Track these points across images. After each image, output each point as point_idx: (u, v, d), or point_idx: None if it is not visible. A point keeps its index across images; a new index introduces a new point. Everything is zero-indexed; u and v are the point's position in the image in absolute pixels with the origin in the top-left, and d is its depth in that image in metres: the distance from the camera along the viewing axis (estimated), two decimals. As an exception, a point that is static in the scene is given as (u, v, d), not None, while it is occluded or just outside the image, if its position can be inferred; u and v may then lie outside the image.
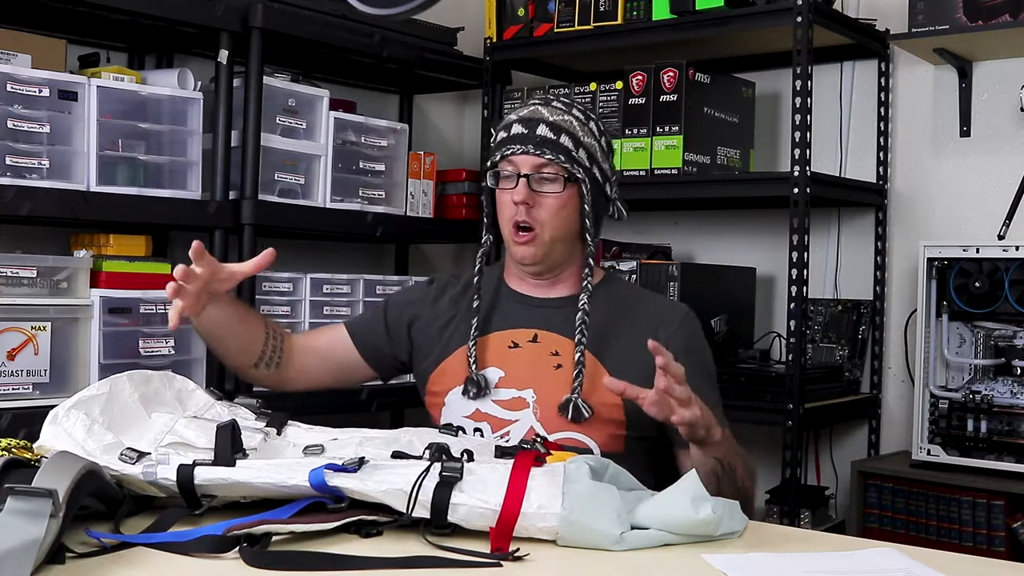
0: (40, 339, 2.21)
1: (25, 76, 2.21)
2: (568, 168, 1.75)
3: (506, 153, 1.77)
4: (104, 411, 1.43)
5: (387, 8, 1.62)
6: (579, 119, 1.79)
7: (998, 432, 2.54)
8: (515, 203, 1.75)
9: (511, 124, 1.79)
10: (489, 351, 1.82)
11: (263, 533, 1.22)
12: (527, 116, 1.78)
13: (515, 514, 1.25)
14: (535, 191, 1.76)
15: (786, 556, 1.27)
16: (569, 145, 1.76)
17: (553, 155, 1.74)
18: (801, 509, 2.72)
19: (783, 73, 2.97)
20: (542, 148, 1.74)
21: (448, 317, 1.89)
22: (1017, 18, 2.54)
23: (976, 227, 2.82)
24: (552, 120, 1.77)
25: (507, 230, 1.79)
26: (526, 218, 1.76)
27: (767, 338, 3.11)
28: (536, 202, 1.76)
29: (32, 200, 2.19)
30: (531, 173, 1.75)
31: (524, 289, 1.88)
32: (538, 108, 1.79)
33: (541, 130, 1.76)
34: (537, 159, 1.75)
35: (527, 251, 1.78)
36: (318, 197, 2.76)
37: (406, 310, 1.94)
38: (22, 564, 1.04)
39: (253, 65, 2.55)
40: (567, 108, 1.80)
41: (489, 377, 1.80)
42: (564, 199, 1.76)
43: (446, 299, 1.92)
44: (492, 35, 3.17)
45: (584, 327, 1.75)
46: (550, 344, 1.80)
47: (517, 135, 1.77)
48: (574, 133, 1.77)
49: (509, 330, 1.84)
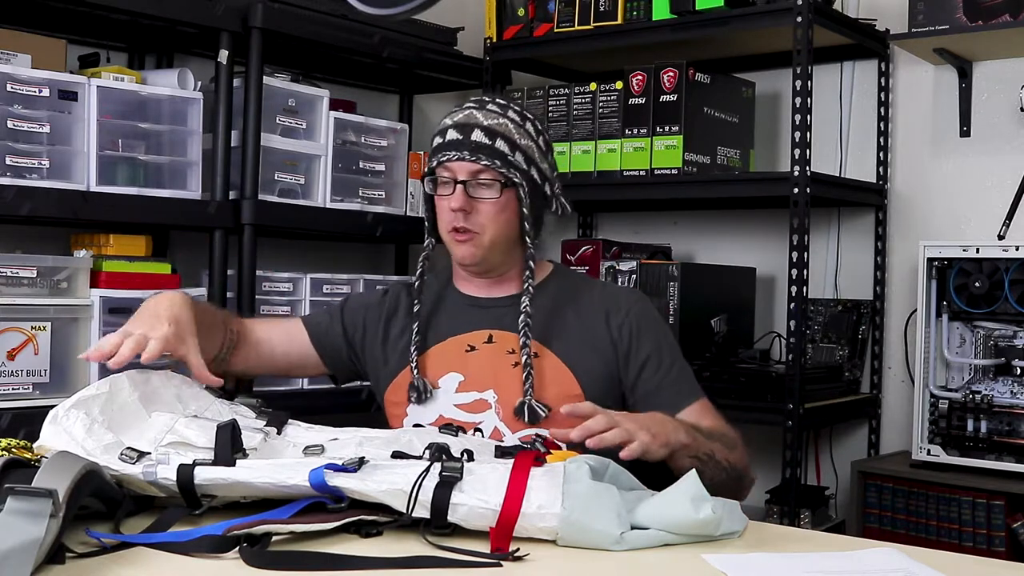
0: (40, 339, 2.21)
1: (25, 76, 2.21)
2: (504, 173, 1.74)
3: (442, 159, 1.76)
4: (104, 410, 1.43)
5: (387, 8, 1.62)
6: (515, 121, 1.78)
7: (998, 432, 2.55)
8: (452, 210, 1.75)
9: (446, 129, 1.78)
10: (447, 356, 1.83)
11: (263, 533, 1.22)
12: (462, 121, 1.77)
13: (515, 514, 1.25)
14: (472, 197, 1.75)
15: (786, 556, 1.27)
16: (505, 149, 1.75)
17: (489, 161, 1.74)
18: (801, 509, 2.72)
19: (783, 73, 2.97)
20: (477, 154, 1.74)
21: (402, 328, 1.89)
22: (1017, 18, 2.54)
23: (976, 227, 2.82)
24: (487, 124, 1.76)
25: (446, 234, 1.80)
26: (464, 224, 1.76)
27: (767, 338, 3.11)
28: (474, 208, 1.76)
29: (32, 200, 2.19)
30: (467, 179, 1.75)
31: (472, 291, 1.88)
32: (473, 112, 1.78)
33: (476, 135, 1.75)
34: (473, 165, 1.75)
35: (466, 251, 1.79)
36: (318, 197, 2.76)
37: (361, 313, 1.95)
38: (22, 564, 1.04)
39: (253, 65, 2.55)
40: (502, 111, 1.79)
41: (448, 383, 1.81)
42: (502, 203, 1.76)
43: (401, 311, 1.92)
44: (492, 35, 3.17)
45: (527, 328, 1.75)
46: (505, 343, 1.81)
47: (452, 141, 1.76)
48: (510, 136, 1.76)
49: (464, 334, 1.84)
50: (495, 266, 1.84)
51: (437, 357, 1.84)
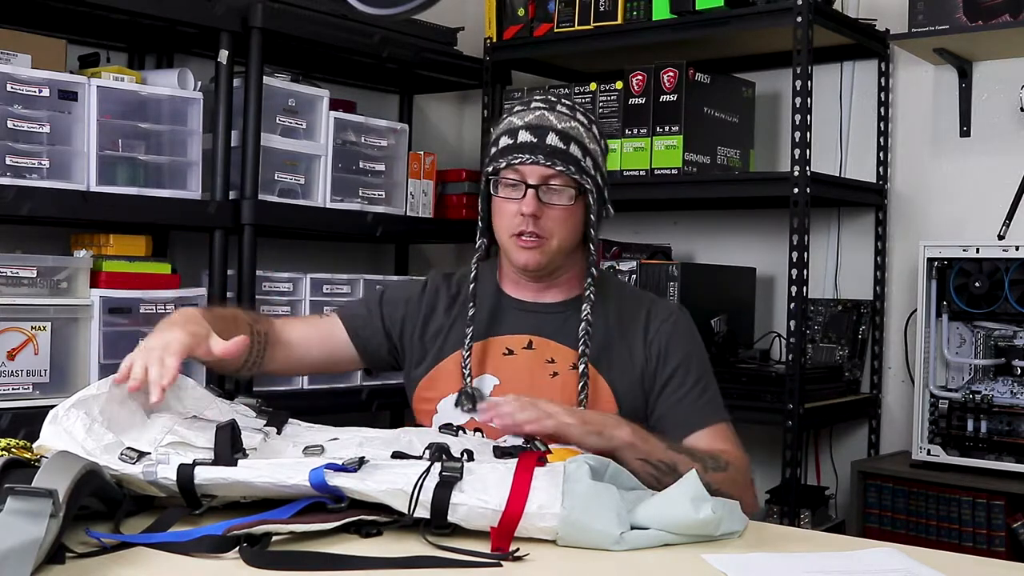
0: (40, 339, 2.21)
1: (25, 76, 2.21)
2: (578, 180, 1.70)
3: (512, 162, 1.69)
4: (104, 410, 1.43)
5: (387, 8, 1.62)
6: (584, 124, 1.74)
7: (998, 432, 2.55)
8: (523, 214, 1.69)
9: (517, 130, 1.71)
10: (484, 357, 1.78)
11: (263, 533, 1.22)
12: (534, 123, 1.70)
13: (518, 515, 1.24)
14: (542, 202, 1.69)
15: (786, 556, 1.27)
16: (578, 155, 1.70)
17: (564, 166, 1.68)
18: (801, 509, 2.72)
19: (783, 73, 2.97)
20: (553, 159, 1.67)
21: (441, 323, 1.83)
22: (1017, 18, 2.54)
23: (976, 227, 2.82)
24: (561, 128, 1.70)
25: (507, 238, 1.73)
26: (534, 229, 1.69)
27: (767, 338, 3.11)
28: (543, 213, 1.70)
29: (32, 200, 2.19)
30: (539, 184, 1.69)
31: (519, 294, 1.83)
32: (545, 114, 1.72)
33: (551, 139, 1.68)
34: (547, 170, 1.68)
35: (531, 257, 1.72)
36: (318, 197, 2.76)
37: (400, 307, 1.88)
38: (22, 564, 1.04)
39: (253, 65, 2.55)
40: (572, 113, 1.74)
41: (483, 385, 1.76)
42: (572, 209, 1.71)
43: (440, 304, 1.86)
44: (492, 35, 3.17)
45: (587, 337, 1.70)
46: (545, 351, 1.76)
47: (525, 143, 1.69)
48: (581, 141, 1.71)
49: (504, 336, 1.79)
50: (553, 271, 1.78)
51: (474, 357, 1.77)
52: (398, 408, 3.13)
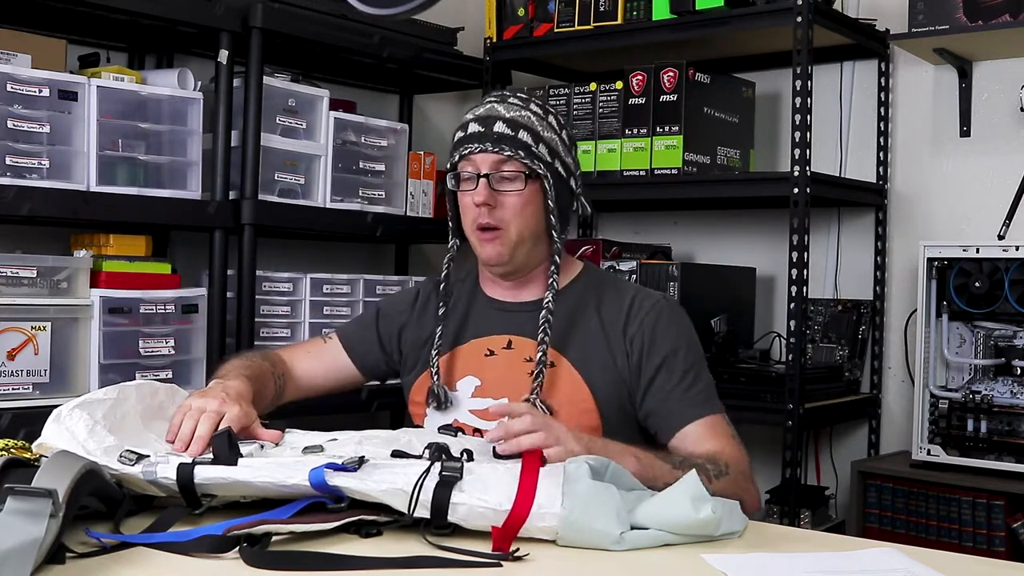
0: (40, 339, 2.21)
1: (25, 76, 2.21)
2: (528, 164, 1.70)
3: (464, 153, 1.72)
4: (107, 416, 1.43)
5: (387, 8, 1.62)
6: (537, 114, 1.75)
7: (998, 432, 2.55)
8: (476, 205, 1.71)
9: (467, 123, 1.74)
10: (466, 360, 1.80)
11: (263, 533, 1.22)
12: (483, 114, 1.74)
13: (524, 516, 1.24)
14: (496, 190, 1.71)
15: (786, 556, 1.27)
16: (528, 140, 1.71)
17: (512, 151, 1.69)
18: (801, 509, 2.72)
19: (783, 73, 2.97)
20: (500, 145, 1.69)
21: (431, 329, 1.85)
22: (1017, 18, 2.54)
23: (976, 227, 2.82)
24: (509, 116, 1.72)
25: (472, 233, 1.76)
26: (489, 219, 1.71)
27: (767, 338, 3.11)
28: (498, 202, 1.71)
29: (32, 200, 2.19)
30: (491, 172, 1.71)
31: (498, 295, 1.84)
32: (494, 106, 1.75)
33: (498, 127, 1.71)
34: (496, 156, 1.70)
35: (493, 251, 1.74)
36: (318, 197, 2.76)
37: (396, 320, 1.92)
38: (22, 564, 1.04)
39: (253, 65, 2.55)
40: (524, 104, 1.75)
41: (465, 387, 1.78)
42: (527, 196, 1.71)
43: (430, 310, 1.88)
44: (492, 35, 3.17)
45: (547, 326, 1.70)
46: (524, 350, 1.76)
47: (474, 134, 1.72)
48: (533, 128, 1.72)
49: (485, 337, 1.81)
50: (520, 266, 1.78)
51: (457, 360, 1.80)
52: (398, 408, 3.13)
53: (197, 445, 1.42)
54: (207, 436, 1.43)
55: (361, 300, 2.87)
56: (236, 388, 1.58)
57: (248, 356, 1.84)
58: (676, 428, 1.68)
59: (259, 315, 2.64)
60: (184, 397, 1.59)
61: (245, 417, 1.51)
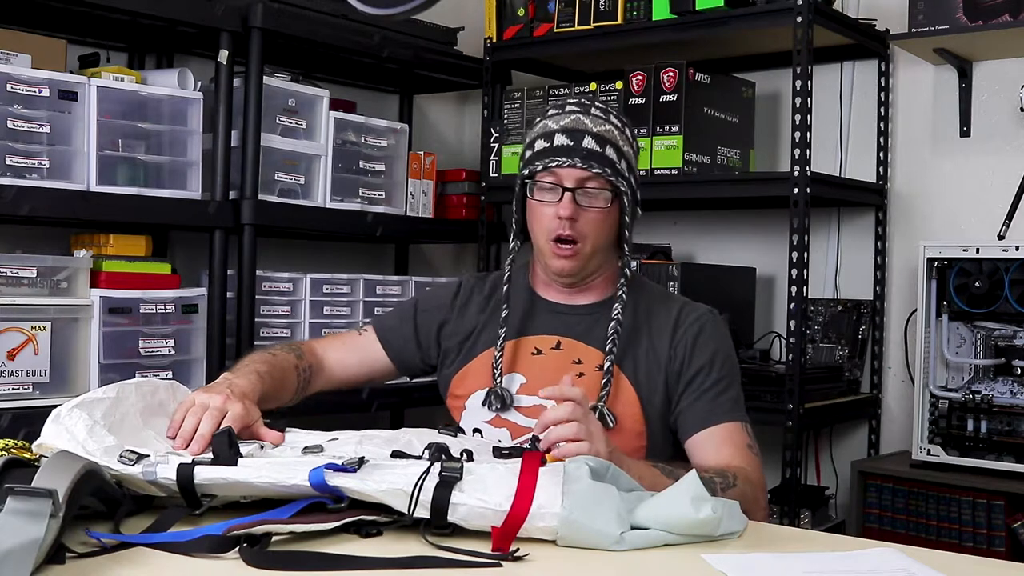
0: (40, 339, 2.21)
1: (25, 76, 2.21)
2: (614, 182, 1.71)
3: (549, 165, 1.70)
4: (106, 415, 1.43)
5: (387, 8, 1.62)
6: (618, 127, 1.75)
7: (998, 432, 2.54)
8: (560, 217, 1.70)
9: (553, 133, 1.72)
10: (513, 356, 1.80)
11: (263, 533, 1.22)
12: (570, 126, 1.71)
13: (523, 516, 1.24)
14: (579, 205, 1.70)
15: (786, 556, 1.27)
16: (614, 157, 1.71)
17: (600, 169, 1.69)
18: (801, 509, 2.72)
19: (783, 73, 2.97)
20: (590, 162, 1.69)
21: (474, 323, 1.86)
22: (1017, 18, 2.54)
23: (976, 227, 2.82)
24: (596, 131, 1.71)
25: (544, 242, 1.74)
26: (570, 232, 1.71)
27: (767, 338, 3.11)
28: (580, 216, 1.71)
29: (32, 200, 2.19)
30: (575, 187, 1.70)
31: (550, 296, 1.84)
32: (580, 117, 1.73)
33: (587, 142, 1.70)
34: (584, 173, 1.69)
35: (567, 265, 1.74)
36: (318, 197, 2.76)
37: (435, 315, 1.91)
38: (22, 564, 1.04)
39: (253, 65, 2.56)
40: (606, 116, 1.75)
41: (511, 383, 1.77)
42: (607, 211, 1.72)
43: (473, 305, 1.88)
44: (492, 35, 3.17)
45: (616, 336, 1.72)
46: (573, 352, 1.77)
47: (562, 147, 1.70)
48: (616, 144, 1.72)
49: (533, 336, 1.81)
50: (587, 276, 1.80)
51: (505, 356, 1.79)
52: (398, 408, 3.14)
53: (198, 444, 1.42)
54: (208, 435, 1.43)
55: (361, 300, 2.87)
56: (241, 386, 1.58)
57: (274, 349, 1.84)
58: (697, 429, 1.71)
59: (259, 315, 2.64)
60: (185, 394, 1.60)
61: (247, 416, 1.51)
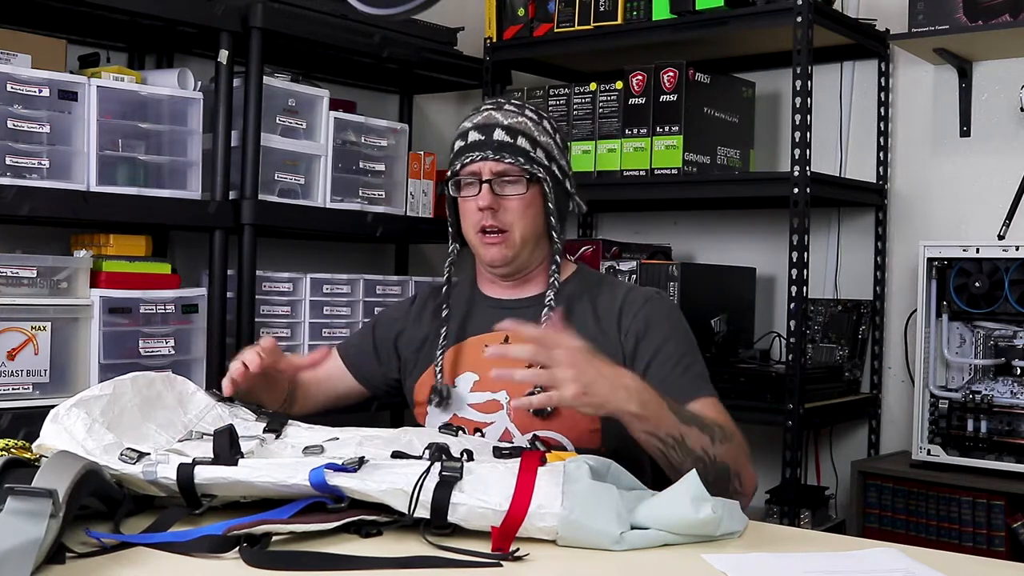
0: (40, 339, 2.21)
1: (25, 76, 2.21)
2: (528, 169, 1.77)
3: (465, 161, 1.78)
4: (105, 412, 1.43)
5: (387, 8, 1.62)
6: (533, 119, 1.81)
7: (998, 432, 2.55)
8: (480, 208, 1.77)
9: (467, 132, 1.80)
10: (465, 357, 1.85)
11: (263, 533, 1.22)
12: (482, 123, 1.80)
13: (522, 516, 1.24)
14: (498, 195, 1.77)
15: (786, 556, 1.27)
16: (526, 146, 1.78)
17: (512, 158, 1.76)
18: (801, 509, 2.72)
19: (783, 73, 2.97)
20: (501, 152, 1.76)
21: (428, 330, 1.91)
22: (1017, 18, 2.54)
23: (976, 227, 2.82)
24: (507, 123, 1.78)
25: (473, 235, 1.81)
26: (493, 222, 1.77)
27: (767, 338, 3.11)
28: (501, 205, 1.77)
29: (32, 200, 2.19)
30: (492, 178, 1.77)
31: (495, 292, 1.90)
32: (492, 113, 1.81)
33: (497, 135, 1.77)
34: (497, 164, 1.77)
35: (497, 253, 1.80)
36: (318, 197, 2.76)
37: (392, 327, 1.97)
38: (22, 564, 1.04)
39: (253, 65, 2.55)
40: (519, 110, 1.82)
41: (464, 383, 1.82)
42: (528, 199, 1.78)
43: (427, 313, 1.94)
44: (492, 35, 3.17)
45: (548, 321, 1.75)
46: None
47: (475, 142, 1.78)
48: (529, 133, 1.79)
49: (483, 334, 1.85)
50: (522, 267, 1.84)
51: (458, 358, 1.85)
52: (398, 408, 3.13)
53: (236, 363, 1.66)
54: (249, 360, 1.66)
55: (361, 300, 2.87)
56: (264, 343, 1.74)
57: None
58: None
59: (259, 315, 2.64)
60: (182, 384, 1.62)
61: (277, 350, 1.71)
